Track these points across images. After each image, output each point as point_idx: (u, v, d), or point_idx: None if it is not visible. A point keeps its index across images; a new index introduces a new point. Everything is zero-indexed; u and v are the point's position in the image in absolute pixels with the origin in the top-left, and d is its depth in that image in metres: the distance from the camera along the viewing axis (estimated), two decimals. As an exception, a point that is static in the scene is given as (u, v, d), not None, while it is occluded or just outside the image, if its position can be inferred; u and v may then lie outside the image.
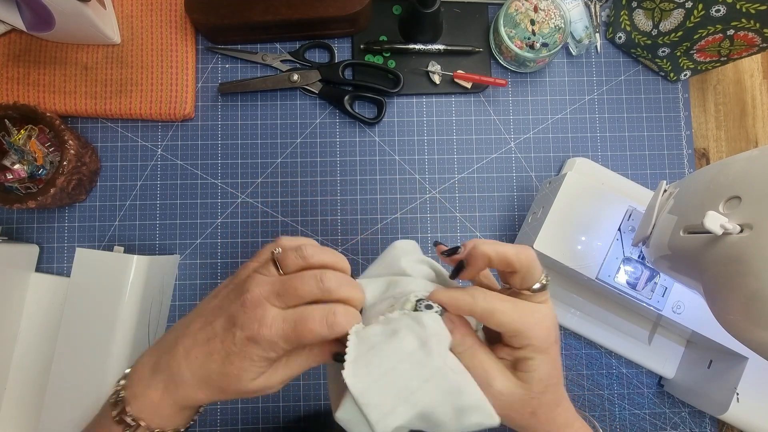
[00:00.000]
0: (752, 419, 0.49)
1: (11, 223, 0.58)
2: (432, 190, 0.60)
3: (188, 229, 0.58)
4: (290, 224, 0.59)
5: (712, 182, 0.35)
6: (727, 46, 0.54)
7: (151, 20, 0.58)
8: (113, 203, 0.58)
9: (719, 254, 0.31)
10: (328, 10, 0.56)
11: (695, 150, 0.63)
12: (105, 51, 0.58)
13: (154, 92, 0.57)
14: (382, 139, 0.60)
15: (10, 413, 0.52)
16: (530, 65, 0.59)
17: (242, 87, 0.59)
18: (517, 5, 0.57)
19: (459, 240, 0.59)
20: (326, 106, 0.60)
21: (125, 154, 0.59)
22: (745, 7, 0.49)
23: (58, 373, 0.48)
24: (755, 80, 0.64)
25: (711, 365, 0.53)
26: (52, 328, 0.54)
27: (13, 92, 0.57)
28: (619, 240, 0.49)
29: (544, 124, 0.61)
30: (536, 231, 0.50)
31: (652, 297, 0.48)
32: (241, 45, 0.60)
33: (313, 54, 0.62)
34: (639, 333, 0.57)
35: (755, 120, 0.64)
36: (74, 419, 0.48)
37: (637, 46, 0.60)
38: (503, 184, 0.61)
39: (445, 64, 0.60)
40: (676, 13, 0.54)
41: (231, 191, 0.59)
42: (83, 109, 0.57)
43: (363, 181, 0.60)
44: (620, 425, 0.58)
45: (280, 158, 0.60)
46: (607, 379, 0.59)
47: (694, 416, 0.58)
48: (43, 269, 0.57)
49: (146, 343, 0.52)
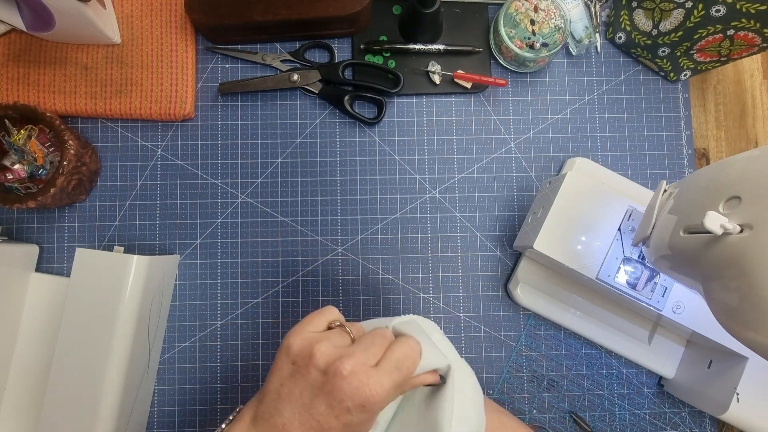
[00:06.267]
0: (752, 419, 0.49)
1: (11, 223, 0.58)
2: (432, 190, 0.60)
3: (188, 229, 0.58)
4: (290, 224, 0.59)
5: (712, 182, 0.35)
6: (727, 46, 0.54)
7: (151, 20, 0.58)
8: (113, 203, 0.58)
9: (719, 254, 0.31)
10: (328, 10, 0.56)
11: (695, 150, 0.63)
12: (105, 51, 0.58)
13: (154, 92, 0.57)
14: (382, 139, 0.60)
15: (10, 413, 0.52)
16: (530, 65, 0.59)
17: (242, 87, 0.59)
18: (517, 5, 0.57)
19: (459, 240, 0.60)
20: (326, 106, 0.60)
21: (125, 154, 0.59)
22: (745, 7, 0.49)
23: (58, 373, 0.48)
24: (755, 80, 0.64)
25: (711, 365, 0.53)
26: (52, 328, 0.54)
27: (13, 92, 0.57)
28: (619, 240, 0.49)
29: (544, 124, 0.61)
30: (536, 231, 0.50)
31: (652, 297, 0.48)
32: (241, 45, 0.60)
33: (313, 54, 0.62)
34: (639, 333, 0.57)
35: (755, 120, 0.64)
36: (74, 419, 0.48)
37: (637, 46, 0.60)
38: (503, 184, 0.61)
39: (445, 64, 0.60)
40: (676, 13, 0.54)
41: (231, 191, 0.59)
42: (83, 109, 0.57)
43: (363, 181, 0.60)
44: (620, 425, 0.58)
45: (280, 158, 0.60)
46: (607, 379, 0.59)
47: (694, 416, 0.58)
48: (43, 269, 0.57)
49: (146, 343, 0.52)
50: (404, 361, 0.33)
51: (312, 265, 0.59)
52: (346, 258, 0.59)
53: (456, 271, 0.59)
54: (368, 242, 0.59)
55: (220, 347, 0.57)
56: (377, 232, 0.59)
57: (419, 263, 0.59)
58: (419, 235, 0.59)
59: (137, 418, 0.53)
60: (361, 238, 0.59)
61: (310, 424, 0.31)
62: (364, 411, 0.31)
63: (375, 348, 0.33)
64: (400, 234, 0.59)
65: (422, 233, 0.60)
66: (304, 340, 0.33)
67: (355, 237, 0.59)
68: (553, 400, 0.58)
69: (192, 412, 0.56)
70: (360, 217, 0.59)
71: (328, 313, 0.36)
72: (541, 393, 0.58)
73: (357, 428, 0.32)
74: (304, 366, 0.32)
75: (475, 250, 0.60)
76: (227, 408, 0.57)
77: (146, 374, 0.54)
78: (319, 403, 0.31)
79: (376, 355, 0.33)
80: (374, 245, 0.59)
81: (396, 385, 0.32)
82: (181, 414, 0.56)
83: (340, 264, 0.59)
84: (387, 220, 0.60)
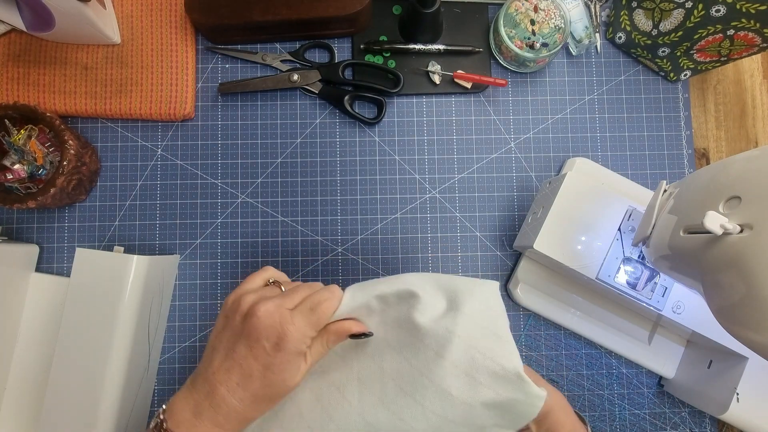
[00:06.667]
0: (752, 419, 0.49)
1: (11, 223, 0.58)
2: (432, 190, 0.60)
3: (188, 229, 0.58)
4: (290, 224, 0.59)
5: (712, 182, 0.35)
6: (727, 46, 0.54)
7: (151, 20, 0.58)
8: (113, 203, 0.58)
9: (719, 254, 0.31)
10: (328, 10, 0.56)
11: (695, 150, 0.63)
12: (105, 51, 0.58)
13: (154, 92, 0.57)
14: (382, 139, 0.60)
15: (10, 413, 0.52)
16: (530, 65, 0.59)
17: (242, 87, 0.59)
18: (517, 5, 0.57)
19: (459, 240, 0.60)
20: (326, 106, 0.60)
21: (125, 154, 0.59)
22: (745, 7, 0.49)
23: (58, 373, 0.48)
24: (755, 80, 0.64)
25: (711, 365, 0.53)
26: (52, 328, 0.54)
27: (13, 92, 0.57)
28: (619, 240, 0.49)
29: (544, 124, 0.61)
30: (536, 231, 0.50)
31: (652, 297, 0.48)
32: (241, 45, 0.60)
33: (313, 54, 0.62)
34: (639, 333, 0.57)
35: (755, 120, 0.64)
36: (74, 419, 0.48)
37: (637, 46, 0.60)
38: (503, 184, 0.61)
39: (445, 64, 0.60)
40: (676, 13, 0.54)
41: (231, 191, 0.59)
42: (83, 109, 0.57)
43: (363, 181, 0.60)
44: (620, 425, 0.58)
45: (280, 158, 0.60)
46: (607, 379, 0.59)
47: (694, 416, 0.58)
48: (43, 269, 0.57)
49: (146, 343, 0.52)
50: (320, 305, 0.34)
51: (312, 265, 0.59)
52: (346, 258, 0.59)
53: (456, 271, 0.59)
54: (368, 242, 0.59)
55: (220, 347, 0.57)
56: (377, 232, 0.59)
57: (419, 263, 0.59)
58: (419, 235, 0.59)
59: (137, 418, 0.53)
60: (361, 238, 0.59)
61: (233, 369, 0.33)
62: (279, 349, 0.33)
63: (296, 295, 0.35)
64: (400, 234, 0.59)
65: (422, 233, 0.60)
66: (237, 295, 0.36)
67: (355, 237, 0.59)
68: (553, 400, 0.58)
69: (192, 412, 0.56)
70: (360, 217, 0.59)
71: (264, 273, 0.38)
72: (541, 393, 0.58)
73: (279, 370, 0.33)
74: (232, 316, 0.35)
75: (475, 250, 0.60)
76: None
77: (146, 374, 0.54)
78: (240, 346, 0.33)
79: (294, 300, 0.35)
80: (374, 245, 0.59)
81: (309, 324, 0.34)
82: (181, 414, 0.56)
83: (340, 264, 0.59)
84: (387, 220, 0.60)
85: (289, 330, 0.33)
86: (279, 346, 0.33)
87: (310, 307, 0.34)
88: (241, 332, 0.34)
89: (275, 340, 0.33)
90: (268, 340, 0.33)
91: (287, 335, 0.33)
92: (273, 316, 0.33)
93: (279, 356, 0.33)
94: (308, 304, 0.34)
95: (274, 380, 0.33)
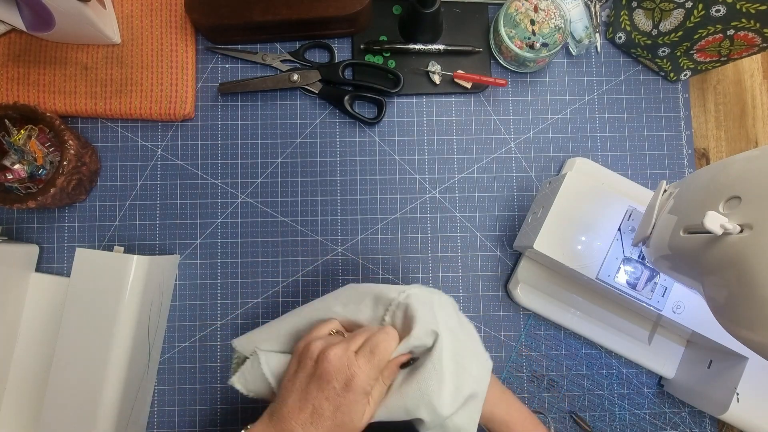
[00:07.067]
0: (752, 419, 0.49)
1: (11, 223, 0.58)
2: (432, 190, 0.60)
3: (188, 229, 0.58)
4: (290, 224, 0.59)
5: (712, 182, 0.35)
6: (727, 46, 0.54)
7: (151, 20, 0.58)
8: (113, 203, 0.58)
9: (719, 254, 0.31)
10: (328, 10, 0.56)
11: (695, 150, 0.63)
12: (105, 51, 0.58)
13: (154, 92, 0.57)
14: (382, 139, 0.60)
15: (10, 413, 0.52)
16: (530, 65, 0.59)
17: (242, 87, 0.59)
18: (517, 5, 0.57)
19: (459, 240, 0.60)
20: (326, 106, 0.60)
21: (125, 154, 0.59)
22: (745, 7, 0.49)
23: (58, 373, 0.48)
24: (755, 80, 0.64)
25: (711, 365, 0.53)
26: (52, 328, 0.54)
27: (13, 92, 0.57)
28: (619, 240, 0.49)
29: (544, 124, 0.61)
30: (536, 231, 0.50)
31: (652, 297, 0.48)
32: (241, 45, 0.60)
33: (313, 54, 0.62)
34: (639, 333, 0.57)
35: (755, 120, 0.64)
36: (74, 419, 0.48)
37: (637, 46, 0.60)
38: (503, 184, 0.61)
39: (445, 64, 0.60)
40: (676, 13, 0.54)
41: (231, 191, 0.59)
42: (83, 109, 0.57)
43: (363, 181, 0.60)
44: (620, 425, 0.58)
45: (280, 158, 0.60)
46: (607, 379, 0.59)
47: (694, 416, 0.58)
48: (43, 269, 0.57)
49: (146, 343, 0.52)
50: (379, 345, 0.37)
51: (312, 265, 0.59)
52: (346, 258, 0.59)
53: (456, 271, 0.59)
54: (368, 242, 0.59)
55: (220, 347, 0.57)
56: (377, 232, 0.59)
57: (419, 263, 0.59)
58: (419, 235, 0.59)
59: (137, 418, 0.53)
60: (361, 238, 0.59)
61: (306, 408, 0.36)
62: (348, 390, 0.36)
63: (358, 338, 0.38)
64: (400, 234, 0.59)
65: (422, 233, 0.60)
66: (307, 341, 0.39)
67: (355, 237, 0.59)
68: (553, 400, 0.58)
69: (192, 412, 0.56)
70: (360, 217, 0.59)
71: (330, 324, 0.42)
72: (541, 393, 0.58)
73: (348, 410, 0.36)
74: (303, 360, 0.38)
75: (475, 250, 0.60)
76: (227, 408, 0.57)
77: (146, 374, 0.54)
78: (313, 387, 0.36)
79: (357, 343, 0.38)
80: (374, 245, 0.59)
81: (373, 366, 0.37)
82: (181, 414, 0.56)
83: (340, 264, 0.59)
84: (387, 220, 0.60)
85: (356, 372, 0.36)
86: (348, 387, 0.36)
87: (370, 350, 0.37)
88: (313, 374, 0.37)
89: (344, 381, 0.36)
90: (338, 382, 0.36)
91: (355, 376, 0.36)
92: (342, 359, 0.36)
93: (348, 396, 0.36)
94: (368, 347, 0.37)
95: (344, 420, 0.36)
